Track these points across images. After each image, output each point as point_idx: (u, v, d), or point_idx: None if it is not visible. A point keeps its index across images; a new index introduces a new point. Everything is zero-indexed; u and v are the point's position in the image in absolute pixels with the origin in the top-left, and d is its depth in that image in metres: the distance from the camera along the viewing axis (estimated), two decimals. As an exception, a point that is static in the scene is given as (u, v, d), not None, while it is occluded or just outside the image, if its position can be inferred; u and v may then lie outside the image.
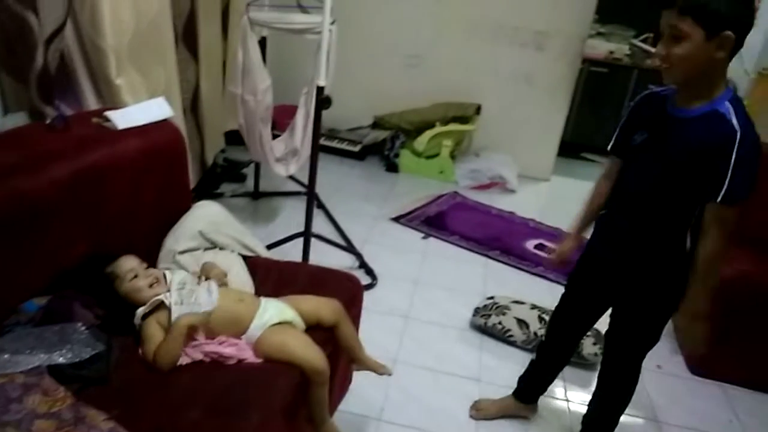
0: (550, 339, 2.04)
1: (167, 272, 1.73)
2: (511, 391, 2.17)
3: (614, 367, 1.86)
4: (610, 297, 1.75)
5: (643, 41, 5.09)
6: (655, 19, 1.43)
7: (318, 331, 1.73)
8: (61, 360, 1.43)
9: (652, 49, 4.99)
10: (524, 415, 2.16)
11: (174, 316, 1.58)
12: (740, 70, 7.47)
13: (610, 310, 1.80)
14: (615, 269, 1.69)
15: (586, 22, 4.24)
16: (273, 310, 1.68)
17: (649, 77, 4.96)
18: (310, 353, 1.60)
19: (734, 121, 1.36)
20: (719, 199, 1.39)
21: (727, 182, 1.37)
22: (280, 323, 1.66)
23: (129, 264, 1.65)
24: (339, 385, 1.98)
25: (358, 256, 3.06)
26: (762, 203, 2.80)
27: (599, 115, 5.00)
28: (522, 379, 2.14)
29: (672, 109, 1.50)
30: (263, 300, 1.72)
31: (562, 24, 4.18)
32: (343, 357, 1.93)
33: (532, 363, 2.10)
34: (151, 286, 1.63)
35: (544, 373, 2.09)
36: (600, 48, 4.86)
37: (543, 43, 4.21)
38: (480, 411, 2.15)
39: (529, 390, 2.14)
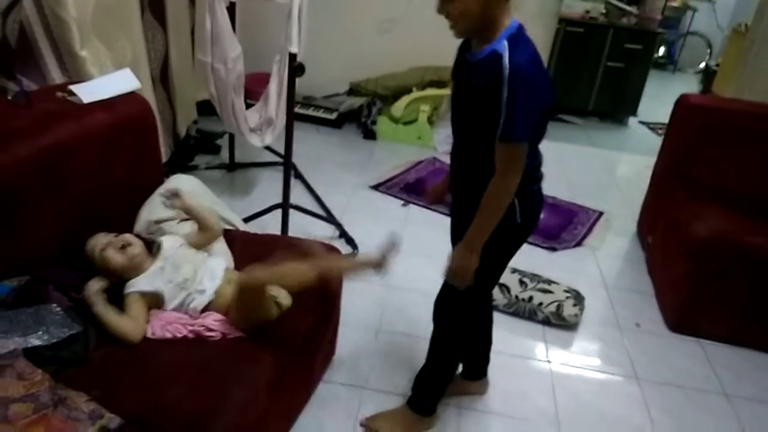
0: None
1: (164, 238, 1.73)
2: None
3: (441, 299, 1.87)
4: None
5: (619, -1, 5.06)
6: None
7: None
8: (37, 342, 1.40)
9: (627, 8, 4.96)
10: (476, 392, 2.12)
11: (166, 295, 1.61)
12: (714, 27, 7.50)
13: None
14: (458, 214, 1.72)
15: (562, -19, 4.18)
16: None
17: (624, 36, 4.96)
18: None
19: (506, 59, 1.38)
20: (498, 137, 1.42)
21: (502, 120, 1.39)
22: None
23: (95, 241, 1.64)
24: (322, 355, 1.98)
25: (338, 225, 3.04)
26: (735, 160, 2.84)
27: (576, 75, 4.97)
28: (462, 359, 2.08)
29: (468, 55, 1.54)
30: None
31: (537, -17, 4.13)
32: (328, 328, 1.93)
33: None
34: (123, 248, 1.61)
35: (477, 341, 2.05)
36: (576, 7, 4.81)
37: (518, 3, 4.13)
38: None
39: (472, 365, 2.09)
